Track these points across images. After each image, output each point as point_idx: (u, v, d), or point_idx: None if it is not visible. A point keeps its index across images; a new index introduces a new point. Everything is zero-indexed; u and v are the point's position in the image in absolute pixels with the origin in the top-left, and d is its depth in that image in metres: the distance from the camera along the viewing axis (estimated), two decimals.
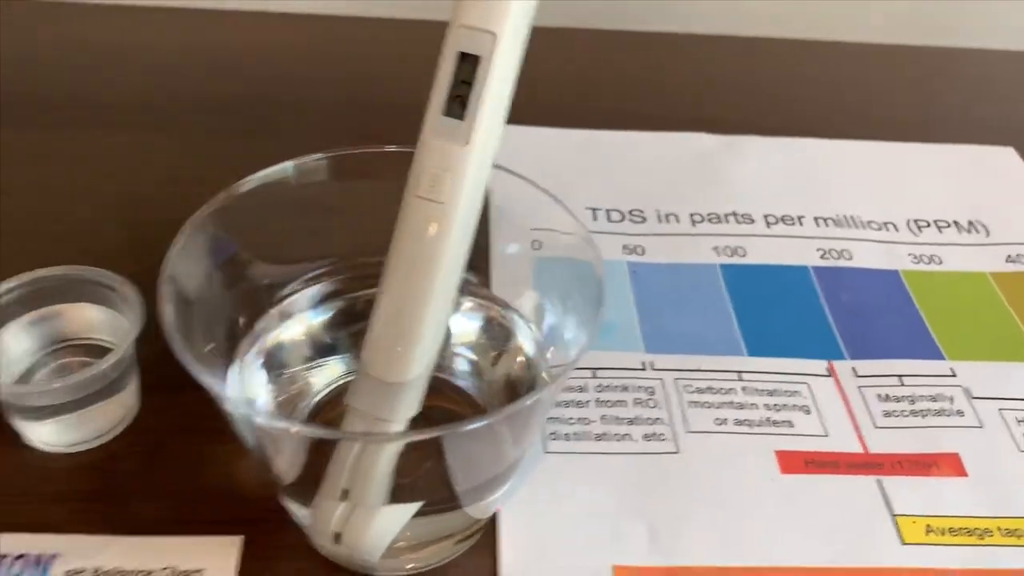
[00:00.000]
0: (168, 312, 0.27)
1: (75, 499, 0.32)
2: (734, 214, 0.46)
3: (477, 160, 0.28)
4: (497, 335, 0.34)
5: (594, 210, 0.46)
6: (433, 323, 0.28)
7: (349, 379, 0.33)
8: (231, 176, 0.47)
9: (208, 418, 0.34)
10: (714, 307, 0.41)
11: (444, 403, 0.33)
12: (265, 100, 0.53)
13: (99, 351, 0.34)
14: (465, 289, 0.33)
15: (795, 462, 0.35)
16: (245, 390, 0.32)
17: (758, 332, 0.40)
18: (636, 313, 0.40)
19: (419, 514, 0.29)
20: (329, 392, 0.33)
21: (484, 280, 0.35)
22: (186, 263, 0.29)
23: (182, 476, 0.33)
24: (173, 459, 0.33)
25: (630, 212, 0.46)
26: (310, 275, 0.34)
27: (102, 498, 0.32)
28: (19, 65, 0.53)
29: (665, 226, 0.45)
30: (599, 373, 0.38)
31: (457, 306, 0.32)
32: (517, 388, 0.33)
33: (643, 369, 0.38)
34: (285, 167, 0.32)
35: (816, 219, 0.47)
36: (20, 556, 0.30)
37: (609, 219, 0.46)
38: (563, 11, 0.60)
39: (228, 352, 0.31)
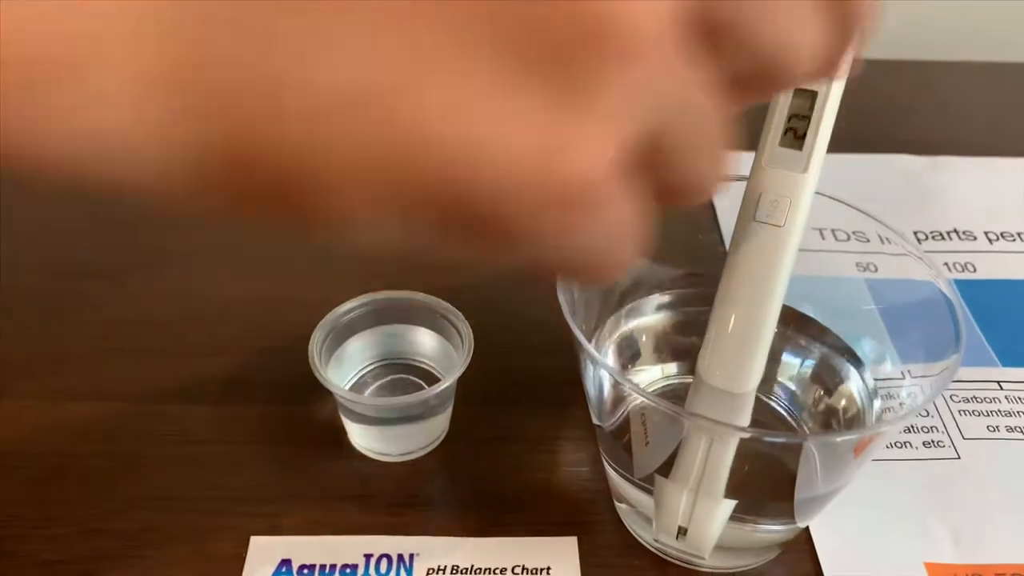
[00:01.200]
0: (564, 300, 0.31)
1: (416, 504, 0.35)
2: (955, 231, 0.48)
3: (812, 186, 0.30)
4: (825, 376, 0.37)
5: (820, 230, 0.48)
6: (769, 339, 0.31)
7: (664, 383, 0.36)
8: None
9: (518, 428, 0.38)
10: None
11: (766, 420, 0.35)
12: None
13: (422, 372, 0.38)
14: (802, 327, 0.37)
15: None
16: None
17: (1006, 344, 0.42)
18: (884, 327, 0.42)
19: (749, 520, 0.32)
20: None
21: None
22: None
23: (506, 482, 0.36)
24: (494, 467, 0.36)
25: (854, 232, 0.48)
26: (656, 283, 0.37)
27: (440, 503, 0.35)
28: None
29: (891, 245, 0.47)
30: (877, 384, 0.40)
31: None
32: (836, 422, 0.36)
33: (903, 378, 0.40)
34: None
35: None
36: (384, 555, 0.33)
37: (836, 238, 0.48)
38: None
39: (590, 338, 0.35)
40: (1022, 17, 0.67)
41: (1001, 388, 0.40)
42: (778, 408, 0.36)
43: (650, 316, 0.37)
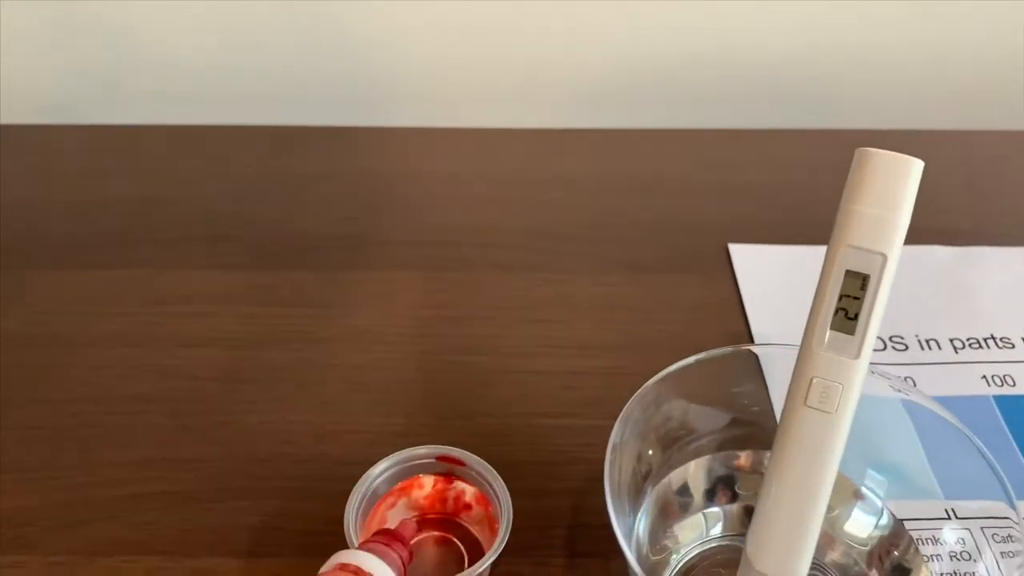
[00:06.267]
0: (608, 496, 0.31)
1: None
2: (993, 337, 0.47)
3: (864, 371, 0.29)
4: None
5: None
6: (818, 527, 0.30)
7: (709, 542, 0.36)
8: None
9: None
10: (997, 444, 0.42)
11: None
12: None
13: (455, 527, 0.37)
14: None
15: None
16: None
17: None
18: (925, 457, 0.41)
19: None
20: (691, 558, 0.36)
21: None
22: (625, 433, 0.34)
23: None
24: None
25: (890, 338, 0.47)
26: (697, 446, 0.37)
27: None
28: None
29: (928, 353, 0.46)
30: (906, 524, 0.39)
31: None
32: None
33: (949, 519, 0.39)
34: (688, 360, 0.36)
35: None
36: None
37: None
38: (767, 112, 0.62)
39: (635, 491, 0.35)
40: None
41: None
42: None
43: (696, 472, 0.37)
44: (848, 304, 0.29)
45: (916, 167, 0.29)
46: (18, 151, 0.60)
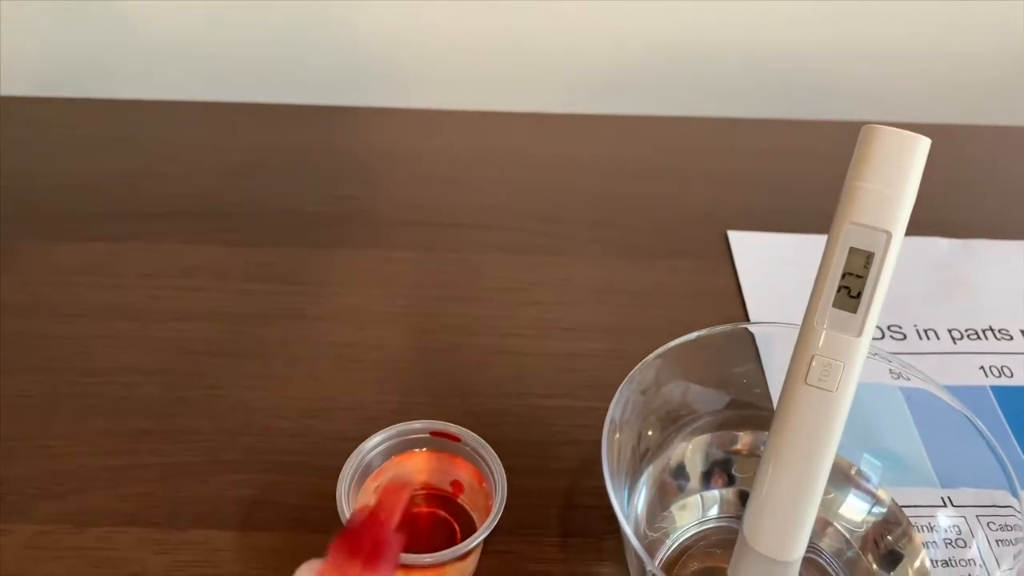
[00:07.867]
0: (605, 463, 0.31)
1: None
2: (991, 329, 0.47)
3: (865, 349, 0.29)
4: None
5: None
6: (816, 506, 0.30)
7: (706, 522, 0.36)
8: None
9: (549, 563, 0.37)
10: (995, 435, 0.42)
11: None
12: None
13: (448, 502, 0.37)
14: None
15: None
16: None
17: None
18: (922, 444, 0.41)
19: None
20: (687, 539, 0.36)
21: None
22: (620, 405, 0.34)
23: None
24: None
25: (888, 327, 0.47)
26: (694, 423, 0.37)
27: None
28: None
29: (927, 343, 0.46)
30: (904, 511, 0.38)
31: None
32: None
33: (944, 506, 0.39)
34: (689, 335, 0.36)
35: None
36: None
37: None
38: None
39: (633, 471, 0.35)
40: None
41: None
42: (820, 560, 0.35)
43: (694, 454, 0.37)
44: (851, 282, 0.29)
45: (923, 144, 0.28)
46: (15, 123, 0.59)
